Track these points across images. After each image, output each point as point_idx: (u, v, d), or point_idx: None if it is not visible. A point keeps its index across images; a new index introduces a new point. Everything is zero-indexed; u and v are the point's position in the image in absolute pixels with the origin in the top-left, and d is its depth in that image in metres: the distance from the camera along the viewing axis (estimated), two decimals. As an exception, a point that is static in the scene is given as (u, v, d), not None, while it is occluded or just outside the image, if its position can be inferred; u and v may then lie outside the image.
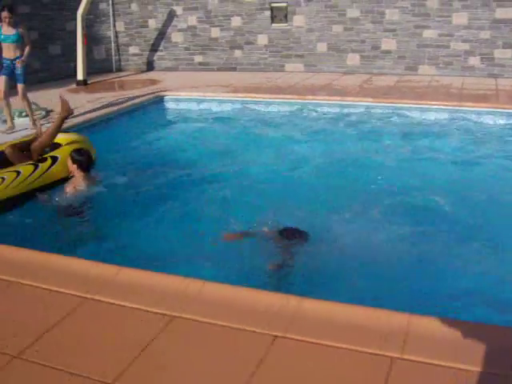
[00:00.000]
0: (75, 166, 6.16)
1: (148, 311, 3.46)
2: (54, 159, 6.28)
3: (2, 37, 8.21)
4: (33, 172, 5.98)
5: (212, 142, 8.46)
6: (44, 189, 6.03)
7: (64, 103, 6.54)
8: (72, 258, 4.31)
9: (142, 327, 3.32)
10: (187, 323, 3.34)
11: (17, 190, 5.79)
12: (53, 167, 6.20)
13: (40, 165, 6.09)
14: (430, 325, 3.19)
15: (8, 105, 8.41)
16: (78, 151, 6.26)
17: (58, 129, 6.48)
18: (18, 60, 8.27)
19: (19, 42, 8.28)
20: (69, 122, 8.58)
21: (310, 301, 3.48)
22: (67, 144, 6.55)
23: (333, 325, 3.24)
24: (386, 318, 3.27)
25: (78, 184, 6.12)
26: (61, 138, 6.62)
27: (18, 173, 5.84)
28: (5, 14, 8.04)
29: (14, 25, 8.23)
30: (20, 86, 8.36)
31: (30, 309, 3.62)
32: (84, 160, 6.20)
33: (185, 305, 3.49)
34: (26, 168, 5.96)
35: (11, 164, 6.05)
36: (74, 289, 3.75)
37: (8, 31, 8.18)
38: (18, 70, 8.29)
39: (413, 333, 3.13)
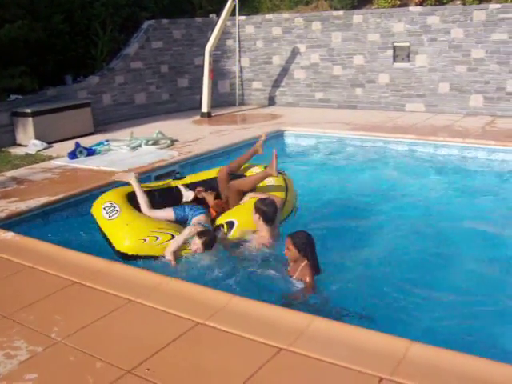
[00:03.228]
0: (257, 215, 5.49)
1: (256, 341, 3.58)
2: (230, 225, 5.74)
3: None
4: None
5: (328, 177, 8.61)
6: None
7: (274, 165, 5.97)
8: (186, 282, 4.54)
9: (250, 356, 3.44)
10: (294, 357, 3.41)
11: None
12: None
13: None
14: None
15: None
16: (262, 200, 5.57)
17: (258, 182, 6.21)
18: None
19: None
20: (190, 153, 9.04)
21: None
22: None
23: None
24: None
25: (263, 241, 5.49)
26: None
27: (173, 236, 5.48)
28: None
29: None
30: None
31: (145, 327, 3.86)
32: (269, 211, 5.47)
33: (292, 338, 3.57)
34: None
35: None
36: (187, 313, 3.95)
37: None
38: None
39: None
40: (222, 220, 5.84)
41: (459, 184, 8.23)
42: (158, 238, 5.46)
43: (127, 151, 9.39)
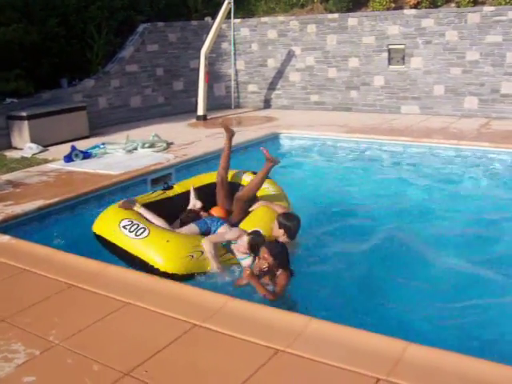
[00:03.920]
0: (282, 231, 5.44)
1: (253, 343, 3.59)
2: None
3: None
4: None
5: (324, 180, 8.65)
6: None
7: (267, 154, 6.09)
8: (183, 285, 4.55)
9: (247, 358, 3.45)
10: (291, 358, 3.42)
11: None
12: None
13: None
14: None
15: None
16: (286, 215, 5.55)
17: (264, 180, 6.16)
18: None
19: None
20: (186, 157, 9.05)
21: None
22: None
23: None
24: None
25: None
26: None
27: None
28: None
29: None
30: None
31: (142, 329, 3.87)
32: (294, 227, 5.48)
33: (289, 340, 3.58)
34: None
35: None
36: (184, 315, 3.96)
37: None
38: None
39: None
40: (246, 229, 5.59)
41: (452, 184, 8.30)
42: (202, 252, 5.11)
43: (123, 154, 9.39)
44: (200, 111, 12.79)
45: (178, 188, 6.57)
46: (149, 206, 5.95)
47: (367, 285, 5.13)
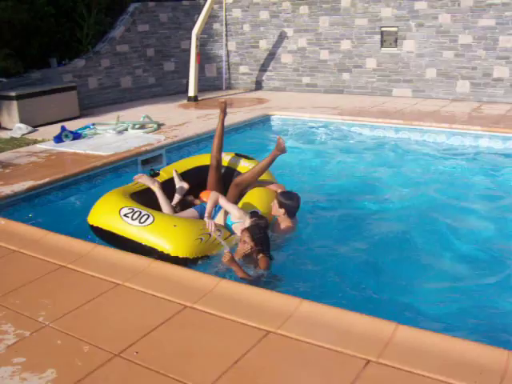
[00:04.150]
0: (282, 210, 5.47)
1: (244, 324, 3.60)
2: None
3: None
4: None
5: (316, 163, 8.65)
6: None
7: (280, 143, 5.82)
8: (174, 266, 4.53)
9: (238, 339, 3.46)
10: (282, 340, 3.43)
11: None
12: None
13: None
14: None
15: None
16: (286, 194, 5.56)
17: (268, 167, 5.99)
18: None
19: None
20: (177, 138, 9.01)
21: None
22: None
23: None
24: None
25: (289, 230, 5.56)
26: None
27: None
28: None
29: None
30: None
31: (133, 310, 3.86)
32: (294, 205, 5.52)
33: (279, 321, 3.59)
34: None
35: None
36: (175, 296, 3.96)
37: None
38: None
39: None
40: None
41: (447, 170, 8.29)
42: (210, 234, 5.09)
43: (113, 135, 9.32)
44: (191, 92, 12.72)
45: (164, 174, 6.45)
46: (136, 195, 5.84)
47: (362, 268, 5.14)
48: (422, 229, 5.99)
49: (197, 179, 6.46)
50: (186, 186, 6.23)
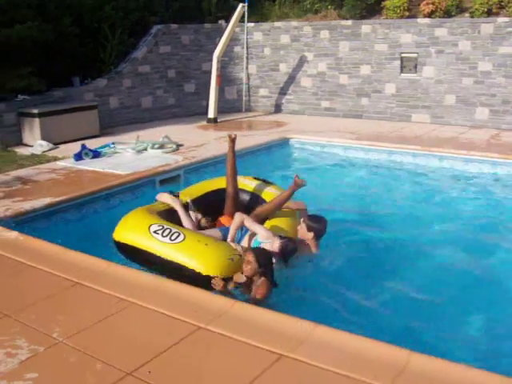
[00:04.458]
0: (311, 234, 5.60)
1: (257, 347, 3.58)
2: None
3: None
4: None
5: (333, 186, 8.67)
6: None
7: (296, 181, 5.85)
8: (189, 287, 4.53)
9: (251, 362, 3.44)
10: (295, 364, 3.41)
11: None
12: None
13: None
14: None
15: None
16: (314, 218, 5.71)
17: (287, 201, 5.99)
18: None
19: None
20: (195, 159, 9.07)
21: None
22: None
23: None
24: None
25: (315, 251, 5.65)
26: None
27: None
28: None
29: None
30: None
31: (147, 329, 3.87)
32: (321, 229, 5.66)
33: (293, 345, 3.57)
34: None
35: None
36: (189, 317, 3.96)
37: None
38: None
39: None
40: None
41: (460, 194, 8.27)
42: (240, 255, 5.08)
43: (132, 154, 9.41)
44: (211, 114, 12.81)
45: (182, 197, 6.36)
46: (161, 214, 5.83)
47: (378, 295, 5.12)
48: (438, 261, 5.94)
49: (214, 203, 6.42)
50: (199, 217, 6.14)
